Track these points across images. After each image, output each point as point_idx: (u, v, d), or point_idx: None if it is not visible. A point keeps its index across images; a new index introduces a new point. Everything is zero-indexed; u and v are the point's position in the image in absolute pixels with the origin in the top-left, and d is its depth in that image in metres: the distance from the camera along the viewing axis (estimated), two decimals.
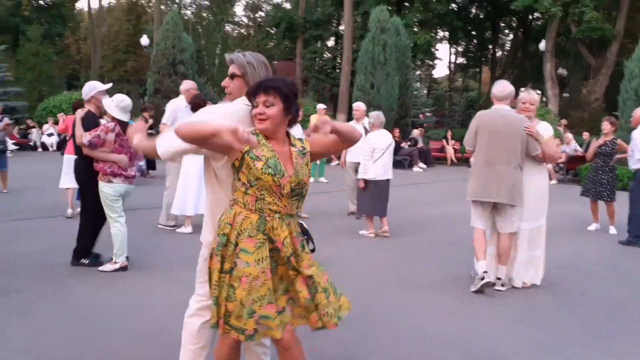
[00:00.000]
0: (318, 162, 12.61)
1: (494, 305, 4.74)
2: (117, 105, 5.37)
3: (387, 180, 7.49)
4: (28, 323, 4.05)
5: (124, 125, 5.36)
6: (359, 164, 7.67)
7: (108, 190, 5.28)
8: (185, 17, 44.05)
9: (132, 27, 42.13)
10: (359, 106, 8.98)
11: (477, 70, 43.77)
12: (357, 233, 7.57)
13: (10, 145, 17.95)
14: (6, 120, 10.55)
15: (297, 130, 2.86)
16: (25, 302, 4.49)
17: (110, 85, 6.01)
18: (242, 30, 44.72)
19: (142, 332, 3.91)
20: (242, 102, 2.69)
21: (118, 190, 5.32)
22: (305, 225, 5.97)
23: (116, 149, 5.30)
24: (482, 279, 4.90)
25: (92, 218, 5.54)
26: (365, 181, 7.40)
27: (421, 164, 17.09)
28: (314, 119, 11.79)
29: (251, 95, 2.54)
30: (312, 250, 5.77)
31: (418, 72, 37.10)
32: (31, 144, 21.86)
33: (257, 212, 2.49)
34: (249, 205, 2.49)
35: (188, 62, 20.84)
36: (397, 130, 18.29)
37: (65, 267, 5.51)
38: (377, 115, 7.56)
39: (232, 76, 2.76)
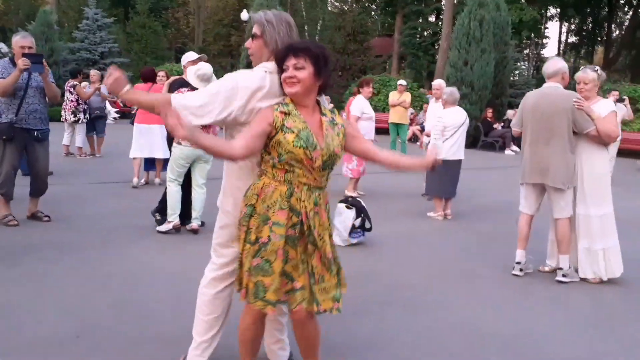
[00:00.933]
0: (399, 140, 12.26)
1: (557, 303, 4.33)
2: (195, 73, 5.45)
3: (458, 161, 7.11)
4: (80, 283, 4.20)
5: None
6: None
7: (176, 151, 5.54)
8: None
9: (236, 2, 43.02)
10: (440, 84, 8.55)
11: (591, 49, 40.77)
12: (425, 215, 7.27)
13: (113, 113, 19.06)
14: (91, 86, 11.03)
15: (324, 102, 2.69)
16: (80, 262, 4.68)
17: (198, 56, 6.28)
18: (343, 6, 44.34)
19: (182, 300, 3.94)
20: (263, 68, 2.55)
21: (185, 153, 5.49)
22: (362, 203, 5.84)
23: None
24: (513, 268, 4.93)
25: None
26: None
27: (514, 147, 16.15)
28: (394, 96, 11.48)
29: (280, 59, 2.45)
30: (369, 229, 5.69)
31: (526, 51, 35.12)
32: (133, 112, 23.00)
33: (286, 183, 2.44)
34: (278, 176, 2.43)
35: None
36: (490, 110, 17.41)
37: (129, 229, 5.72)
38: (451, 92, 7.16)
39: (253, 36, 2.61)
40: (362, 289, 4.40)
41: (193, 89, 5.34)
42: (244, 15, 27.77)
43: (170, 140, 5.97)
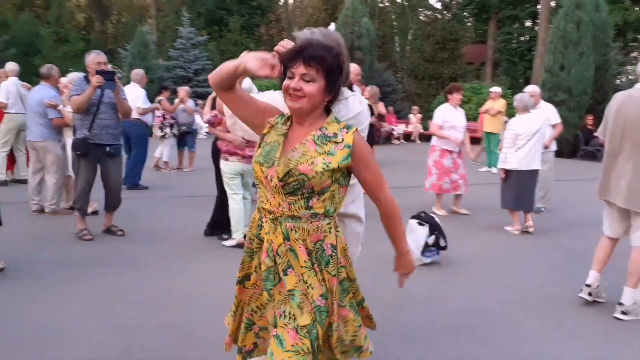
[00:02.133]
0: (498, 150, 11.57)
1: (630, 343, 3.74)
2: (243, 85, 5.36)
3: (533, 171, 6.59)
4: (137, 300, 4.15)
5: None
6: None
7: (224, 167, 5.50)
8: (380, 4, 44.37)
9: (327, 16, 43.55)
10: (533, 90, 7.94)
11: None
12: (503, 229, 6.76)
13: (205, 127, 19.65)
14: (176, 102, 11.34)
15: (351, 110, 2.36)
16: (142, 278, 4.65)
17: None
18: (433, 14, 43.59)
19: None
20: None
21: (233, 168, 5.45)
22: (436, 219, 5.43)
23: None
24: (581, 290, 4.31)
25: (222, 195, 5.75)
26: (506, 171, 6.63)
27: None
28: (490, 105, 10.82)
29: (285, 62, 1.99)
30: (444, 248, 5.28)
31: (634, 54, 32.56)
32: None
33: (258, 211, 2.11)
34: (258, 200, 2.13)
35: (366, 48, 20.72)
36: (590, 117, 16.18)
37: (197, 245, 5.68)
38: (521, 98, 6.72)
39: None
40: (433, 313, 4.05)
41: None
42: (332, 27, 27.91)
43: (215, 156, 5.81)
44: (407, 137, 22.39)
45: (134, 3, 55.94)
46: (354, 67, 7.46)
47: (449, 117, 7.47)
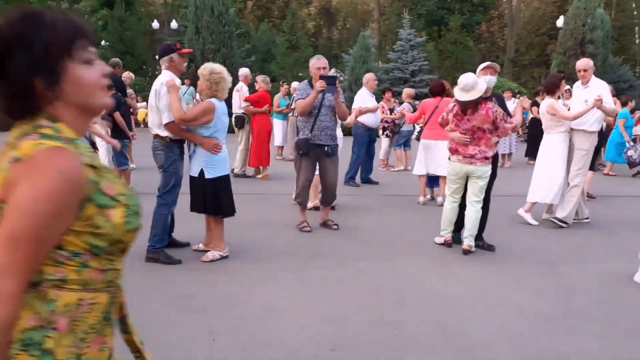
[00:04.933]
0: None
1: None
2: (459, 85, 5.20)
3: None
4: (348, 294, 4.27)
5: (464, 105, 5.23)
6: None
7: (447, 167, 5.54)
8: None
9: (556, 9, 40.42)
10: None
11: None
12: None
13: (419, 128, 19.66)
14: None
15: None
16: (353, 273, 4.77)
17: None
18: None
19: (443, 328, 3.67)
20: None
21: (453, 168, 5.37)
22: None
23: (452, 128, 5.38)
24: None
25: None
26: None
27: None
28: None
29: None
30: None
31: None
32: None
33: None
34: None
35: (599, 41, 18.72)
36: None
37: (405, 244, 5.68)
38: None
39: None
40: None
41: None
42: (560, 21, 25.80)
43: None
44: None
45: (359, 9, 58.37)
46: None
47: None
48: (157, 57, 5.08)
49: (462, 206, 5.53)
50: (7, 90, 1.23)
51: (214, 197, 4.78)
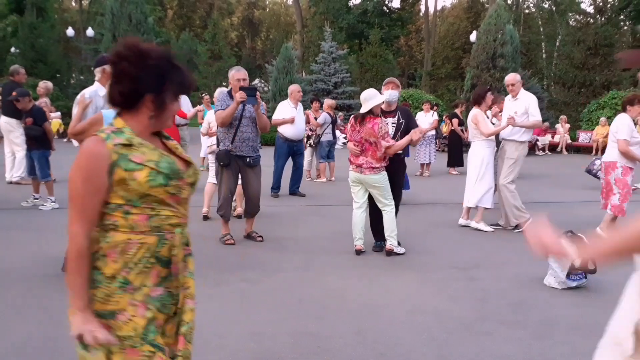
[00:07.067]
0: None
1: None
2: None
3: None
4: (270, 307, 4.24)
5: (356, 117, 5.64)
6: None
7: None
8: (526, 10, 42.22)
9: (469, 25, 42.37)
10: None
11: None
12: None
13: (342, 138, 19.92)
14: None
15: None
16: (277, 285, 4.74)
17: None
18: (585, 18, 40.44)
19: (361, 336, 3.70)
20: None
21: (350, 175, 5.78)
22: (585, 240, 4.93)
23: (348, 138, 5.78)
24: None
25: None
26: None
27: None
28: None
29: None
30: (592, 272, 4.78)
31: None
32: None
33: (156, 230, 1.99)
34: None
35: (509, 55, 19.77)
36: None
37: (330, 254, 5.71)
38: None
39: None
40: (575, 345, 3.65)
41: None
42: (473, 36, 27.05)
43: None
44: (552, 148, 20.96)
45: (282, 20, 58.61)
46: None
47: (635, 131, 6.32)
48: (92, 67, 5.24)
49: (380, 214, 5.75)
50: (129, 92, 1.83)
51: None
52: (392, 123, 5.84)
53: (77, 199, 1.77)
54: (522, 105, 6.83)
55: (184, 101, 9.62)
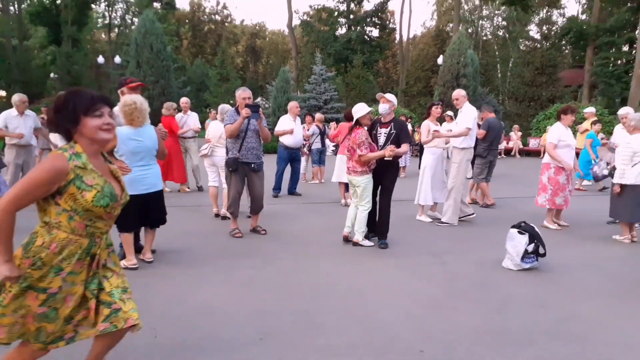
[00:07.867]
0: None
1: None
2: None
3: None
4: (274, 289, 4.21)
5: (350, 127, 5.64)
6: None
7: None
8: (484, 37, 42.38)
9: (436, 50, 42.57)
10: (626, 112, 6.97)
11: None
12: (609, 242, 5.98)
13: (331, 146, 19.90)
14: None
15: None
16: (278, 271, 4.72)
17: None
18: (533, 44, 40.77)
19: (349, 314, 3.69)
20: None
21: (347, 177, 5.77)
22: (536, 229, 4.96)
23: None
24: None
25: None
26: (622, 186, 5.85)
27: None
28: (586, 125, 9.65)
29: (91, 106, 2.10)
30: (543, 255, 4.80)
31: None
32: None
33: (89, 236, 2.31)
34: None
35: (471, 75, 19.84)
36: None
37: (325, 244, 5.68)
38: (639, 118, 5.81)
39: None
40: (529, 317, 3.66)
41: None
42: (440, 60, 27.11)
43: None
44: (507, 152, 21.13)
45: (279, 48, 58.56)
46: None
47: (564, 136, 6.52)
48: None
49: (375, 210, 5.75)
50: (59, 128, 2.09)
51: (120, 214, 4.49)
52: (385, 133, 5.67)
53: (27, 188, 1.96)
54: (464, 117, 6.78)
55: (192, 117, 9.54)
